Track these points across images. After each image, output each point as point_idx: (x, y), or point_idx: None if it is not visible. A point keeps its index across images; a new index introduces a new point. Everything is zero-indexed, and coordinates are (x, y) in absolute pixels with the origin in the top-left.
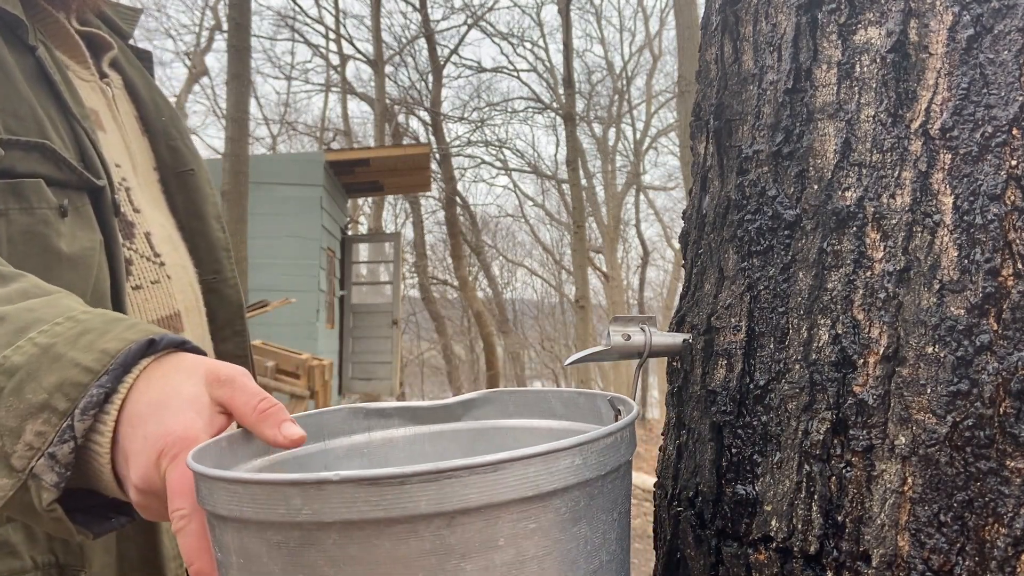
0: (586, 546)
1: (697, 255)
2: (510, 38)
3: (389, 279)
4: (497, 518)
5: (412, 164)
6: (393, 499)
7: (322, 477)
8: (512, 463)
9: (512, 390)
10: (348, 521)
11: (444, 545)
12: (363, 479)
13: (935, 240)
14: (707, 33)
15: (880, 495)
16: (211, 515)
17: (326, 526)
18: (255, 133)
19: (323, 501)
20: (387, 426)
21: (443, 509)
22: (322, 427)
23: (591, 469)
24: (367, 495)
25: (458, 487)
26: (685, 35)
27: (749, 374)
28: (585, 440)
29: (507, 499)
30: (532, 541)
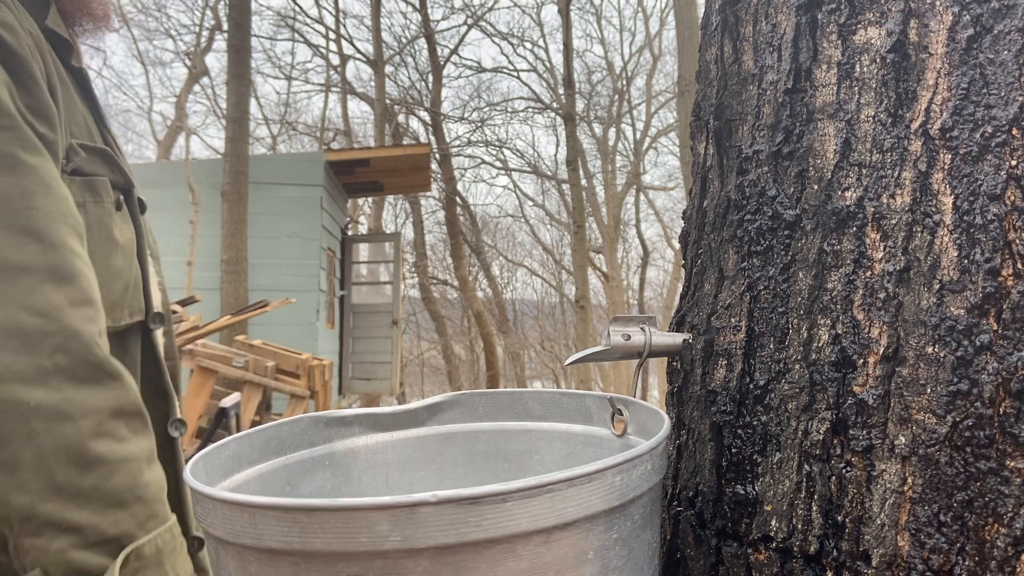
0: (648, 551)
1: (697, 255)
2: (510, 38)
3: (389, 279)
4: (588, 531)
5: (412, 164)
6: (494, 518)
7: (416, 499)
8: (604, 472)
9: (482, 392)
10: (443, 546)
11: (541, 563)
12: (463, 499)
13: (935, 240)
14: (707, 33)
15: (880, 495)
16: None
17: (416, 553)
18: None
19: (416, 525)
20: (348, 435)
21: (543, 525)
22: (283, 440)
23: (657, 473)
24: (467, 516)
25: (557, 501)
26: (685, 35)
27: (749, 374)
28: (655, 444)
29: (599, 510)
30: (615, 551)
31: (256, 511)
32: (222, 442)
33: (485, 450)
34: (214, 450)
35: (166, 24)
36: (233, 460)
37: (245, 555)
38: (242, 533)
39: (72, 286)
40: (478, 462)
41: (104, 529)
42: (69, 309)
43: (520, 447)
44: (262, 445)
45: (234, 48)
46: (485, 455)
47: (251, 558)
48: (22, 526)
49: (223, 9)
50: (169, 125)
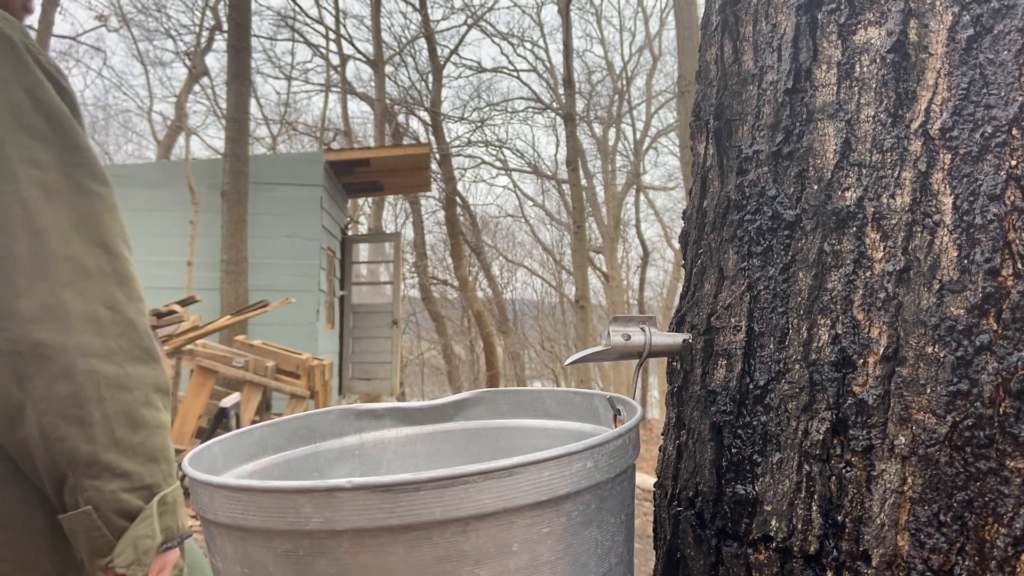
0: (596, 549)
1: (697, 255)
2: (510, 38)
3: (389, 279)
4: (511, 523)
5: (412, 164)
6: (407, 506)
7: (334, 484)
8: (526, 467)
9: (505, 390)
10: (360, 529)
11: (458, 551)
12: (377, 486)
13: (935, 240)
14: (707, 33)
15: (880, 495)
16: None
17: (337, 534)
18: (255, 133)
19: (335, 509)
20: (379, 427)
21: (458, 515)
22: (313, 429)
23: (602, 472)
24: (380, 502)
25: (473, 492)
26: (685, 35)
27: (749, 374)
28: (597, 443)
29: (522, 504)
30: (546, 546)
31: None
32: (247, 428)
33: (507, 447)
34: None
35: (166, 24)
36: (258, 446)
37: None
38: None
39: (129, 287)
40: (500, 457)
41: (145, 478)
42: (128, 304)
43: (539, 444)
44: (290, 434)
45: (234, 48)
46: (507, 451)
47: (214, 531)
48: (86, 470)
49: (223, 9)
50: (169, 125)
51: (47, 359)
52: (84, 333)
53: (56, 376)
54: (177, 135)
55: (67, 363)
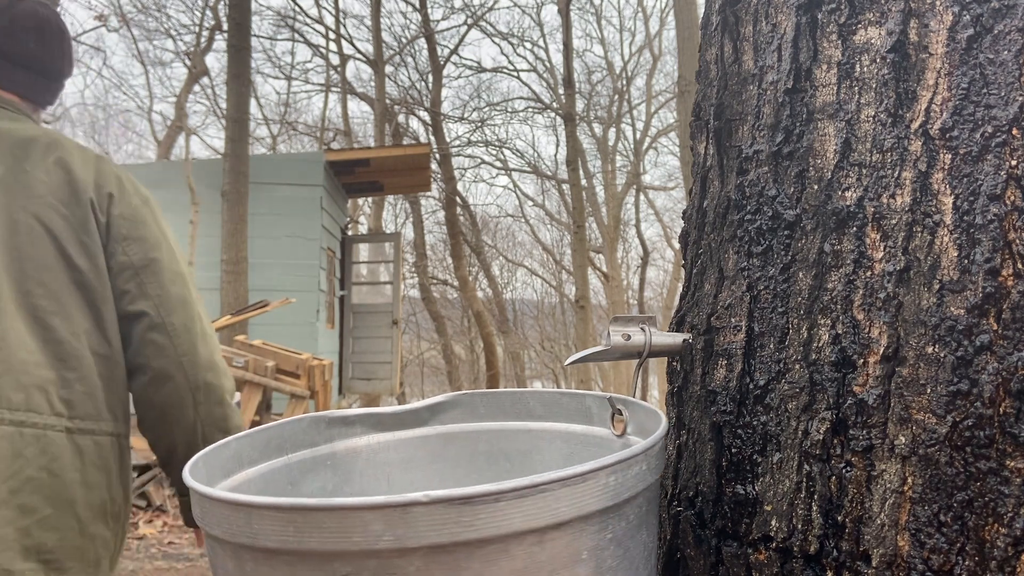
0: (644, 551)
1: (697, 255)
2: (510, 38)
3: (389, 279)
4: (582, 531)
5: (412, 164)
6: (487, 518)
7: (409, 499)
8: (597, 472)
9: (483, 392)
10: (436, 545)
11: (535, 563)
12: (455, 498)
13: (935, 240)
14: (707, 33)
15: (880, 495)
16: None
17: (409, 552)
18: (255, 133)
19: (408, 525)
20: (350, 435)
21: (536, 525)
22: (284, 439)
23: (652, 473)
24: (459, 515)
25: (551, 500)
26: (685, 35)
27: (749, 374)
28: (650, 444)
29: (593, 510)
30: (609, 552)
31: (252, 511)
32: (223, 442)
33: (487, 450)
34: (214, 450)
35: (166, 24)
36: (234, 460)
37: (241, 554)
38: (239, 532)
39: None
40: (479, 462)
41: None
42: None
43: (521, 447)
44: (263, 445)
45: (234, 48)
46: (487, 455)
47: (247, 557)
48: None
49: (223, 9)
50: (169, 125)
51: (212, 392)
52: (224, 378)
53: (215, 403)
54: (177, 135)
55: (220, 396)
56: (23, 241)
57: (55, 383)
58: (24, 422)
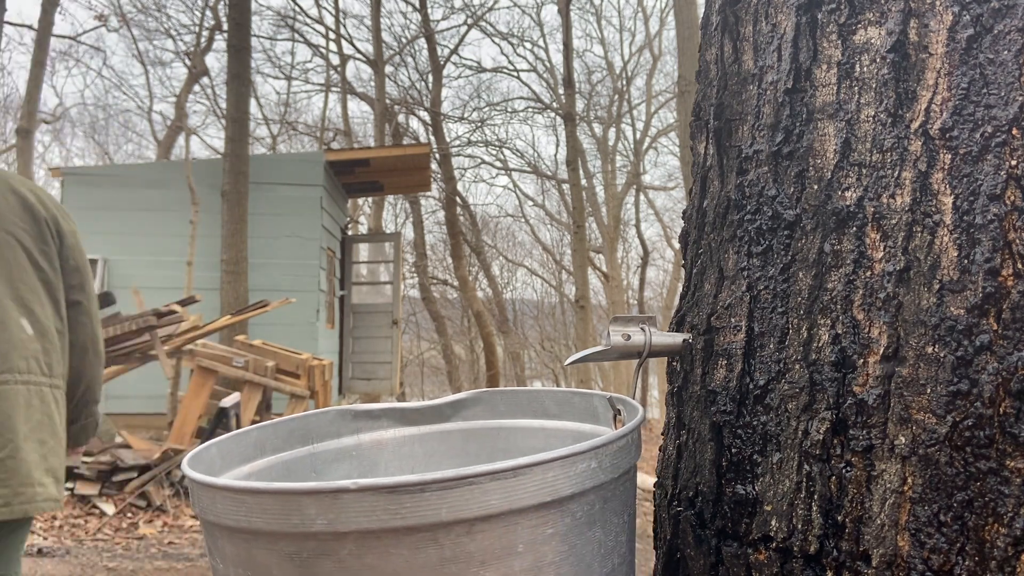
0: (600, 549)
1: (697, 255)
2: (510, 38)
3: (389, 279)
4: (516, 524)
5: (412, 164)
6: (412, 507)
7: (339, 486)
8: (531, 468)
9: (503, 390)
10: (366, 531)
11: (464, 553)
12: (382, 487)
13: (935, 240)
14: (707, 33)
15: (880, 495)
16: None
17: (342, 536)
18: (255, 133)
19: (340, 510)
20: (376, 428)
21: (463, 516)
22: (310, 430)
23: (606, 472)
24: (386, 503)
25: (478, 493)
26: (685, 35)
27: (749, 374)
28: (601, 443)
29: (527, 504)
30: (550, 547)
31: (216, 492)
32: (244, 430)
33: (505, 447)
34: (234, 437)
35: (166, 24)
36: (255, 447)
37: (212, 530)
38: (208, 511)
39: None
40: (498, 458)
41: None
42: None
43: (536, 444)
44: (287, 434)
45: (234, 48)
46: (505, 451)
47: (216, 534)
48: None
49: (223, 9)
50: (169, 125)
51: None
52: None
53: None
54: (177, 135)
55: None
56: (5, 252)
57: (41, 353)
58: (29, 381)
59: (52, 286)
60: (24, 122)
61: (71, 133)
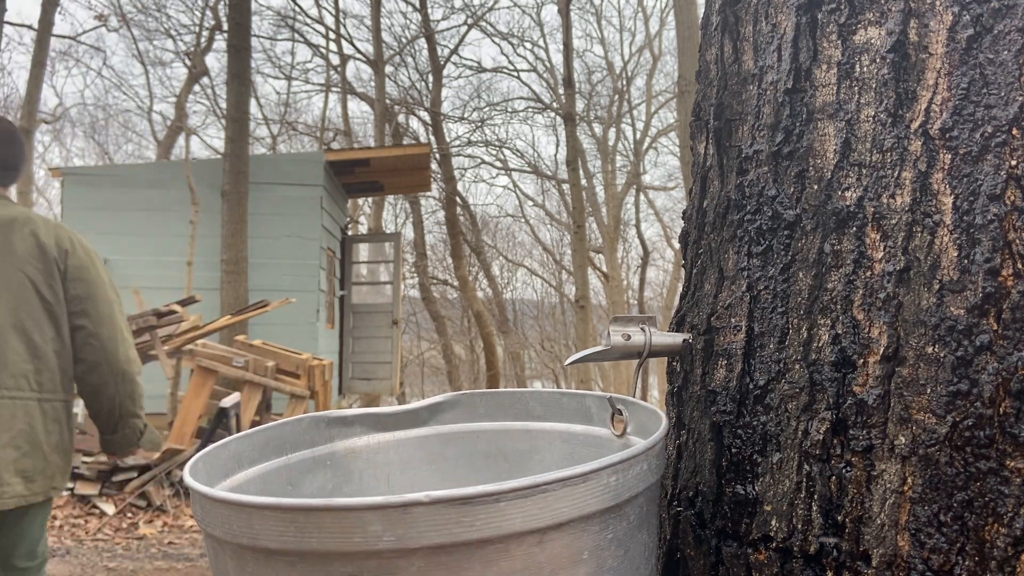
0: (644, 552)
1: (697, 255)
2: (510, 38)
3: (389, 279)
4: (583, 531)
5: (412, 164)
6: (487, 518)
7: (409, 499)
8: (598, 472)
9: (483, 392)
10: (437, 545)
11: (535, 563)
12: (456, 498)
13: (935, 240)
14: (707, 33)
15: (880, 495)
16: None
17: (410, 553)
18: (255, 133)
19: (409, 525)
20: (349, 435)
21: (536, 525)
22: (284, 440)
23: (654, 473)
24: (460, 516)
25: (551, 501)
26: (685, 35)
27: (749, 374)
28: (651, 444)
29: (593, 510)
30: (610, 552)
31: (253, 511)
32: (222, 442)
33: (486, 450)
34: (214, 450)
35: (166, 24)
36: (233, 460)
37: (243, 555)
38: (239, 533)
39: None
40: (478, 462)
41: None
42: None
43: (521, 447)
44: (263, 445)
45: (234, 48)
46: (486, 455)
47: (248, 557)
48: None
49: (223, 9)
50: (169, 125)
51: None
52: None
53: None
54: (177, 135)
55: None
56: (14, 286)
57: (32, 372)
58: (16, 396)
59: (55, 314)
60: (24, 122)
61: (71, 133)
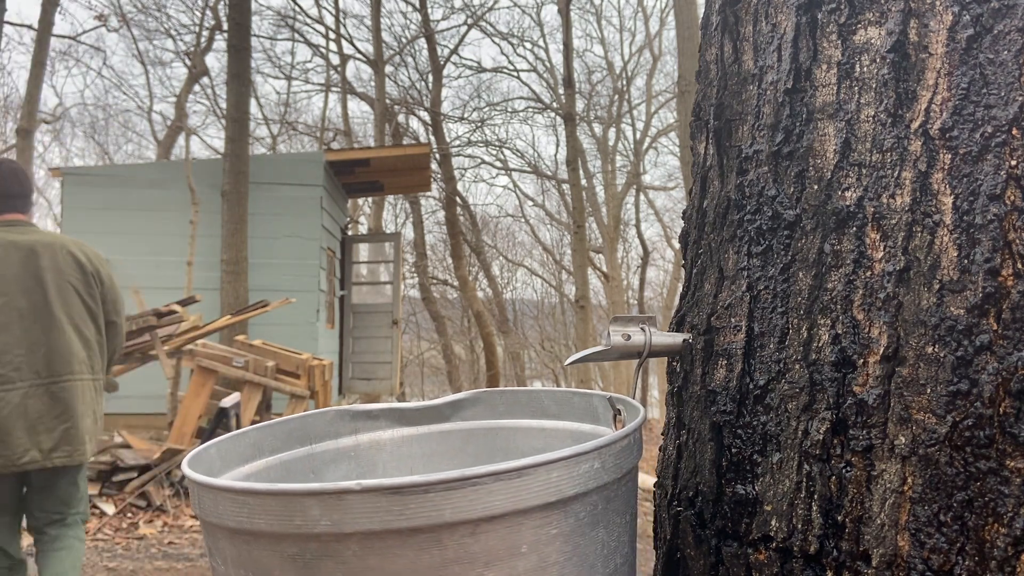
0: (603, 550)
1: (697, 255)
2: (510, 38)
3: (389, 279)
4: (520, 524)
5: (412, 164)
6: (417, 508)
7: (343, 487)
8: (536, 468)
9: (502, 390)
10: (369, 531)
11: (468, 554)
12: (386, 487)
13: (935, 240)
14: (707, 33)
15: (880, 495)
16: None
17: (345, 537)
18: (255, 133)
19: (343, 511)
20: (374, 428)
21: (468, 517)
22: (308, 431)
23: (609, 472)
24: (390, 504)
25: (483, 494)
26: (685, 35)
27: (749, 374)
28: (604, 443)
29: (531, 505)
30: (554, 547)
31: (218, 493)
32: (242, 431)
33: (504, 446)
34: (232, 438)
35: (166, 24)
36: (253, 448)
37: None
38: (209, 512)
39: None
40: (498, 458)
41: None
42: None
43: (536, 444)
44: (286, 435)
45: (234, 48)
46: (504, 451)
47: (218, 535)
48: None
49: (223, 9)
50: (169, 125)
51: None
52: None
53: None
54: (177, 135)
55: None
56: (66, 295)
57: (87, 359)
58: (83, 379)
59: (95, 314)
60: (24, 122)
61: (71, 133)
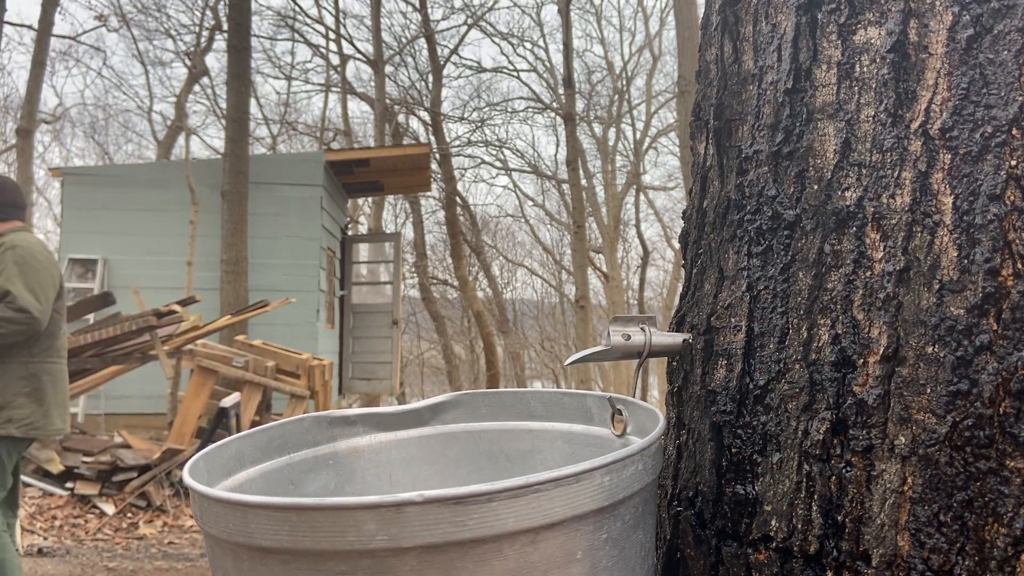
0: (641, 551)
1: (697, 255)
2: (510, 38)
3: (389, 279)
4: (577, 531)
5: (412, 164)
6: (480, 518)
7: (402, 499)
8: (591, 472)
9: (485, 392)
10: (430, 545)
11: (528, 563)
12: (448, 498)
13: (935, 240)
14: (707, 33)
15: (880, 495)
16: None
17: (403, 552)
18: (255, 133)
19: (402, 525)
20: (352, 435)
21: (529, 525)
22: (287, 439)
23: (648, 473)
24: (452, 515)
25: (544, 501)
26: (685, 35)
27: (749, 374)
28: (646, 444)
29: (587, 510)
30: (604, 552)
31: (248, 510)
32: (223, 441)
33: (488, 450)
34: (215, 450)
35: (166, 24)
36: (235, 459)
37: (239, 553)
38: (235, 532)
39: None
40: (481, 461)
41: None
42: None
43: (522, 447)
44: (265, 444)
45: (234, 48)
46: (488, 455)
47: (244, 556)
48: None
49: (223, 9)
50: (169, 125)
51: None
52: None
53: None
54: (177, 135)
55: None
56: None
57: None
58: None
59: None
60: (24, 122)
61: (71, 133)
